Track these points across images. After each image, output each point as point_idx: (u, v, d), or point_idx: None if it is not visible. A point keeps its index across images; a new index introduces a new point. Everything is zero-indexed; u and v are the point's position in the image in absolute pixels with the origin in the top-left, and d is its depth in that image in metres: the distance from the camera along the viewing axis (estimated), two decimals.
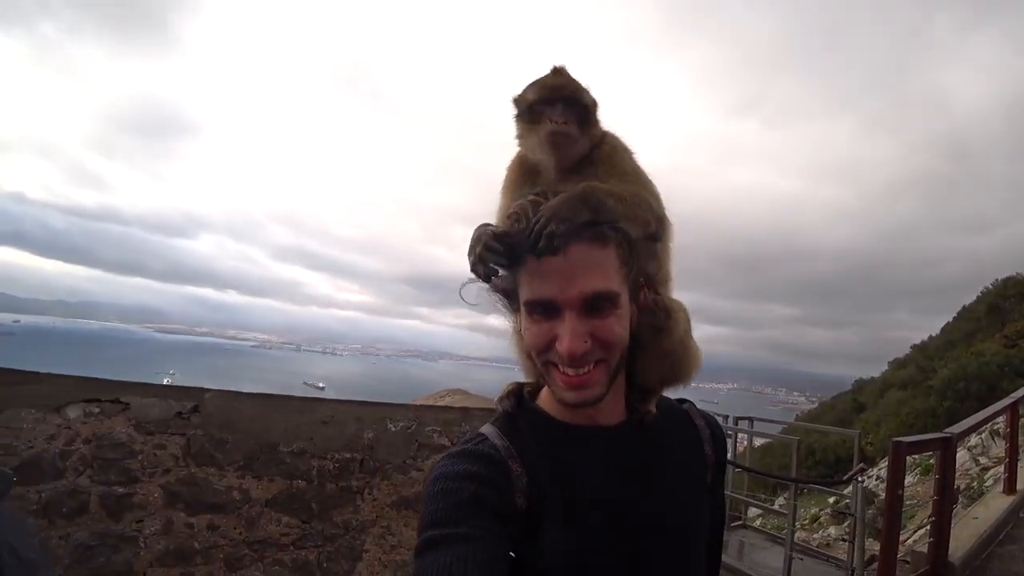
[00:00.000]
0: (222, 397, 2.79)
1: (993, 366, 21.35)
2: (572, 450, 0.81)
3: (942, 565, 3.99)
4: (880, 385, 34.01)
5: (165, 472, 2.69)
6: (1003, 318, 30.35)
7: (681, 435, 0.91)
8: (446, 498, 0.71)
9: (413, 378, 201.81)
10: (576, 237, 0.73)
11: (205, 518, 2.71)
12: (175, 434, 2.71)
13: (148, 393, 2.70)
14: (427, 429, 3.18)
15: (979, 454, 12.13)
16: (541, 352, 0.76)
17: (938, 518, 3.97)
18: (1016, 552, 4.83)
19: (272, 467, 2.82)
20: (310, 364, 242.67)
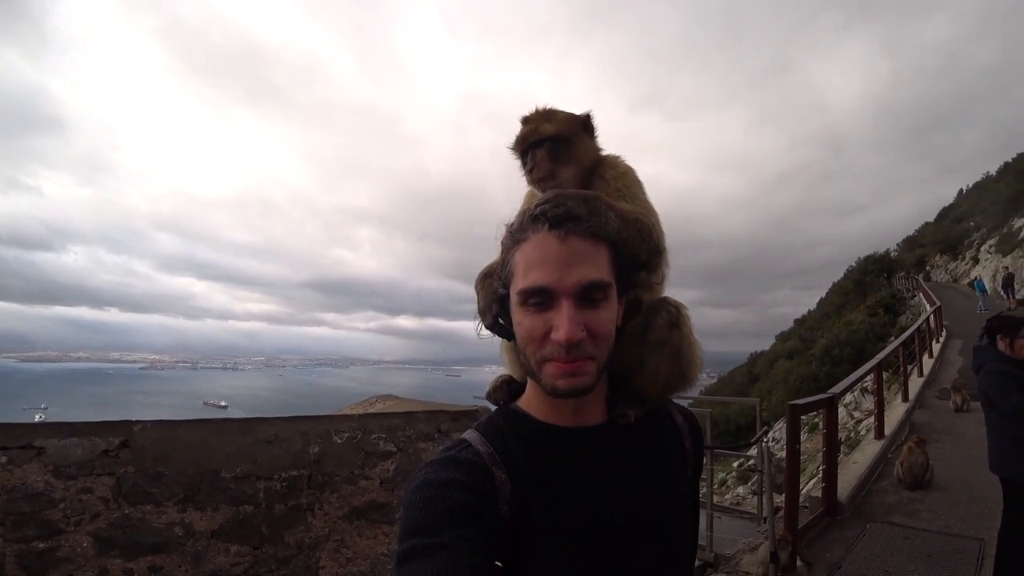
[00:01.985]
0: (154, 428, 2.62)
1: (860, 333, 24.43)
2: (556, 453, 0.81)
3: (834, 504, 4.65)
4: (770, 357, 37.56)
5: (94, 518, 2.49)
6: (866, 291, 34.80)
7: (661, 431, 0.91)
8: (428, 506, 0.69)
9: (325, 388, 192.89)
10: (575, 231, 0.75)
11: (146, 561, 2.55)
12: (102, 474, 2.52)
13: (66, 433, 2.48)
14: (372, 437, 3.18)
15: (853, 409, 13.92)
16: (537, 345, 0.76)
17: (828, 466, 4.62)
18: (887, 486, 5.70)
19: (216, 495, 2.70)
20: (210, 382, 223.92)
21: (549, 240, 0.75)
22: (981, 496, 5.10)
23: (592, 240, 0.77)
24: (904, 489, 5.51)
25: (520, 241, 0.78)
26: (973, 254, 32.54)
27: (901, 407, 8.68)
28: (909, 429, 7.43)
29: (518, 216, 0.82)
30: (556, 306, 0.74)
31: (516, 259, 0.78)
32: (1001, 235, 30.10)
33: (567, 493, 0.77)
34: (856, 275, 39.80)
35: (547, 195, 0.80)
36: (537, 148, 1.08)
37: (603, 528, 0.77)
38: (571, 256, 0.74)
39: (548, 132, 1.08)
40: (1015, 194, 32.38)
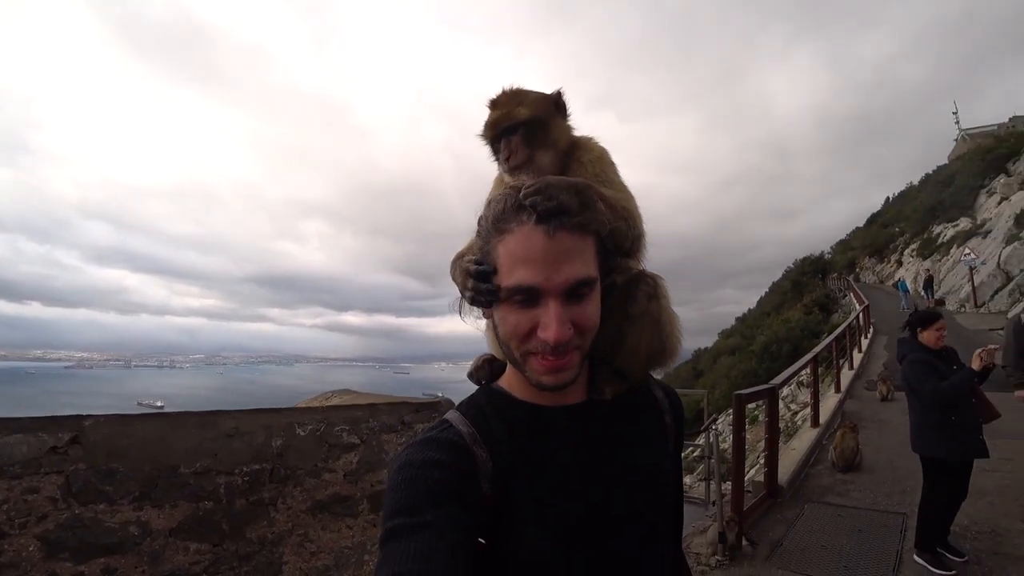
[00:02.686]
0: (107, 423, 2.51)
1: (797, 330, 25.88)
2: (538, 433, 0.81)
3: (775, 488, 4.96)
4: (713, 353, 39.14)
5: (41, 519, 2.36)
6: (802, 291, 36.85)
7: (642, 407, 0.91)
8: (410, 487, 0.70)
9: (269, 386, 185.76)
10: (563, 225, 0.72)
11: (98, 563, 2.44)
12: (50, 473, 2.39)
13: (10, 429, 2.34)
14: (336, 429, 3.16)
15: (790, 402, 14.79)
16: (521, 341, 0.75)
17: (769, 452, 4.92)
18: (823, 470, 6.12)
19: (174, 492, 2.62)
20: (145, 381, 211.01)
21: (536, 235, 0.72)
22: (904, 476, 5.58)
23: (580, 234, 0.74)
24: (837, 472, 5.94)
25: (504, 232, 0.74)
26: (897, 257, 34.94)
27: (834, 398, 9.31)
28: (841, 417, 7.98)
29: (499, 200, 0.76)
30: (543, 304, 0.73)
31: (499, 252, 0.75)
32: (922, 240, 32.49)
33: (548, 472, 0.78)
34: (793, 276, 42.12)
35: (537, 183, 0.73)
36: (511, 134, 1.01)
37: (584, 506, 0.77)
38: (559, 254, 0.72)
39: (522, 116, 1.01)
40: (934, 203, 35.03)
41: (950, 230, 29.86)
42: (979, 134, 48.29)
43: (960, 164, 40.15)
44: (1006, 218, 23.91)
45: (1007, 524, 4.45)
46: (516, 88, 1.06)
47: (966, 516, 4.45)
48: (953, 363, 3.64)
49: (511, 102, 1.03)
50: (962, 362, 3.68)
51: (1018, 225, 22.04)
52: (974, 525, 4.42)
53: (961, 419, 3.49)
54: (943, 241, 29.47)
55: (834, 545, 4.28)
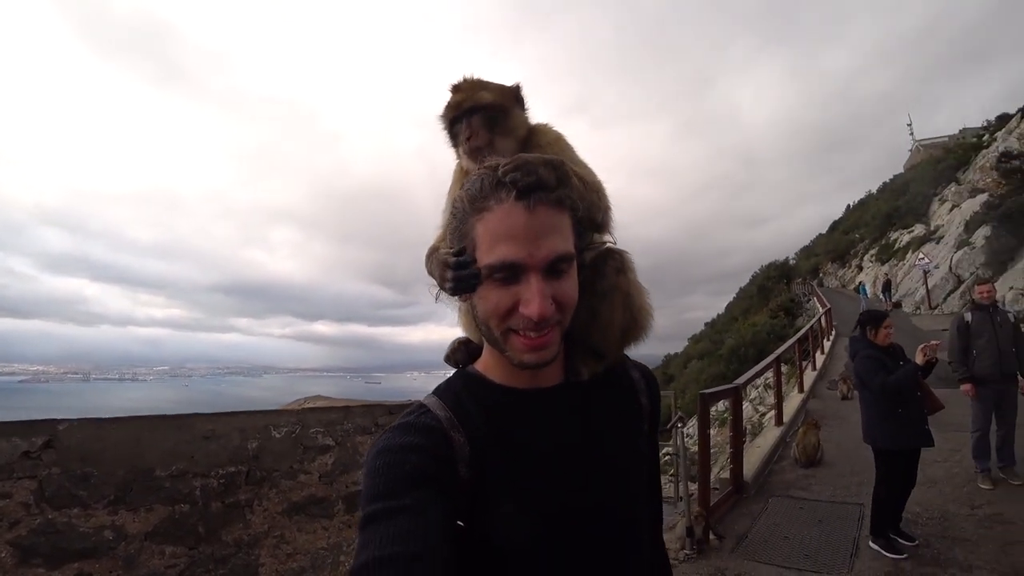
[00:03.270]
0: (81, 427, 2.51)
1: (763, 334, 26.55)
2: (514, 416, 0.81)
3: (740, 484, 5.16)
4: (683, 358, 39.82)
5: (13, 525, 2.34)
6: (768, 295, 37.89)
7: (618, 388, 0.92)
8: (388, 471, 0.70)
9: (236, 398, 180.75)
10: (542, 200, 0.73)
11: (72, 568, 2.42)
12: (23, 478, 2.37)
13: None
14: (311, 431, 3.20)
15: (758, 404, 15.24)
16: (502, 319, 0.75)
17: (734, 449, 5.12)
18: (786, 465, 6.37)
19: (149, 495, 2.62)
20: (105, 395, 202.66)
21: (516, 211, 0.72)
22: (861, 469, 5.84)
23: (558, 209, 0.75)
24: (800, 467, 6.20)
25: (482, 210, 0.74)
26: (858, 262, 36.31)
27: (797, 397, 9.67)
28: (804, 416, 8.30)
29: (476, 180, 0.76)
30: (524, 280, 0.73)
31: (478, 230, 0.74)
32: (880, 246, 33.87)
33: (526, 455, 0.78)
34: (760, 281, 43.31)
35: (514, 160, 0.74)
36: (471, 116, 1.03)
37: (562, 489, 0.77)
38: (540, 229, 0.72)
39: (485, 100, 1.03)
40: (891, 210, 36.58)
41: (906, 236, 31.23)
42: (932, 145, 50.67)
43: (914, 173, 42.07)
44: (957, 224, 25.15)
45: (955, 510, 4.73)
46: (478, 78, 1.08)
47: (917, 504, 4.72)
48: (900, 359, 3.90)
49: (474, 87, 1.06)
50: (908, 358, 3.94)
51: (968, 231, 23.20)
52: (925, 512, 4.69)
53: (908, 411, 3.73)
54: (900, 247, 30.79)
55: (796, 535, 4.48)
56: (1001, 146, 27.92)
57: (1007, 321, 5.01)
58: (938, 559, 3.88)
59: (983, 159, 28.76)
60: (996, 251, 19.71)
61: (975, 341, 4.96)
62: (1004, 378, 4.90)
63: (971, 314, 5.10)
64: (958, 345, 5.06)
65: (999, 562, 3.78)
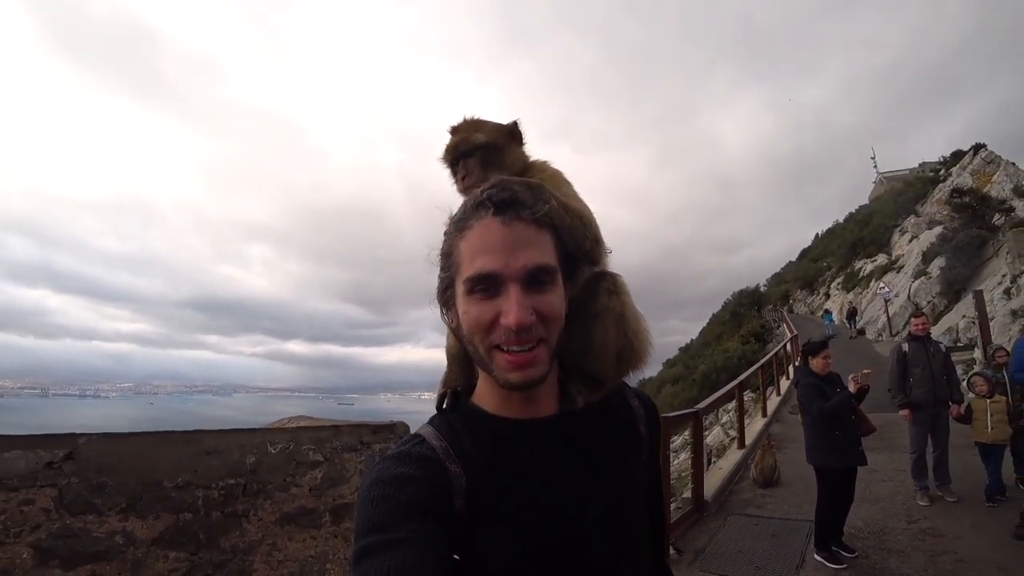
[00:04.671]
0: (99, 441, 2.76)
1: (734, 359, 27.23)
2: (510, 446, 0.80)
3: (701, 503, 5.53)
4: (658, 382, 40.37)
5: (34, 529, 2.57)
6: (740, 321, 38.82)
7: (616, 418, 0.91)
8: (383, 503, 0.69)
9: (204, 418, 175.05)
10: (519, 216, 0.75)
11: (85, 570, 2.65)
12: (45, 486, 2.61)
13: (11, 445, 2.57)
14: (303, 448, 3.47)
15: (729, 428, 15.75)
16: (485, 332, 0.75)
17: (695, 470, 5.51)
18: (745, 486, 6.77)
19: (157, 504, 2.87)
20: (63, 412, 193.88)
21: (493, 225, 0.75)
22: (815, 488, 6.26)
23: (535, 225, 0.76)
24: (758, 487, 6.60)
25: (464, 229, 0.77)
26: (826, 290, 37.62)
27: (761, 421, 10.14)
28: (767, 439, 8.75)
29: (461, 206, 0.81)
30: (504, 292, 0.74)
31: (461, 248, 0.77)
32: (846, 274, 35.24)
33: (521, 486, 0.77)
34: (732, 307, 44.36)
35: (492, 180, 0.79)
36: (468, 157, 1.09)
37: (558, 521, 0.77)
38: (516, 240, 0.74)
39: (479, 141, 1.09)
40: (856, 240, 38.14)
41: (870, 265, 32.61)
42: (894, 177, 53.11)
43: (878, 204, 44.03)
44: (915, 254, 26.46)
45: (893, 524, 5.17)
46: (476, 118, 1.14)
47: (860, 519, 5.15)
48: (837, 386, 4.35)
49: (470, 128, 1.11)
50: (844, 385, 4.40)
51: (925, 261, 24.45)
52: (866, 526, 5.11)
53: (844, 433, 4.18)
54: (864, 275, 32.12)
55: (750, 550, 4.85)
56: (955, 181, 29.63)
57: (939, 352, 5.54)
58: (874, 569, 4.29)
59: (939, 192, 30.44)
60: (950, 281, 20.83)
61: (912, 370, 5.47)
62: (937, 403, 5.41)
63: (908, 345, 5.62)
64: (896, 373, 5.55)
65: (927, 570, 4.20)
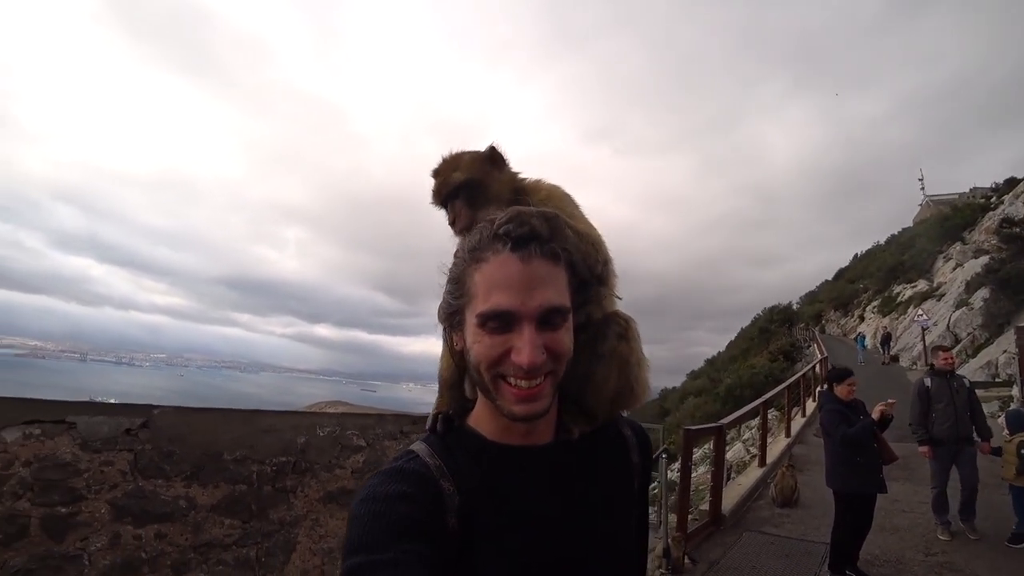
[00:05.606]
0: (171, 412, 3.07)
1: (761, 376, 26.83)
2: (504, 471, 0.81)
3: (718, 517, 5.63)
4: (680, 394, 39.96)
5: (112, 488, 2.89)
6: (769, 338, 38.15)
7: (609, 446, 0.92)
8: (374, 521, 0.69)
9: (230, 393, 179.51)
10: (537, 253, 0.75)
11: (152, 528, 2.96)
12: (123, 450, 2.93)
13: (96, 411, 2.89)
14: (348, 432, 3.75)
15: (750, 445, 15.63)
16: (493, 365, 0.76)
17: (715, 484, 5.60)
18: (764, 504, 6.82)
19: (216, 475, 3.17)
20: (99, 377, 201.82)
21: (511, 262, 0.74)
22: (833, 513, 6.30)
23: (553, 262, 0.77)
24: (776, 507, 6.64)
25: (480, 261, 0.77)
26: (860, 312, 36.64)
27: (784, 441, 10.08)
28: (787, 459, 8.73)
29: (476, 232, 0.80)
30: (516, 329, 0.74)
31: (475, 280, 0.77)
32: (883, 298, 34.26)
33: (513, 511, 0.78)
34: (762, 323, 43.59)
35: (509, 213, 0.78)
36: (454, 199, 1.07)
37: (547, 547, 0.78)
38: (533, 279, 0.74)
39: (458, 180, 1.07)
40: (896, 263, 37.05)
41: (908, 290, 31.63)
42: (941, 201, 51.19)
43: (922, 228, 42.58)
44: (958, 284, 25.58)
45: (910, 555, 5.17)
46: (455, 153, 1.11)
47: (877, 547, 5.17)
48: (861, 413, 4.41)
49: (448, 168, 1.09)
50: (868, 413, 4.45)
51: (968, 291, 23.63)
52: (882, 554, 5.13)
53: (865, 460, 4.23)
54: (902, 300, 31.18)
55: (763, 567, 4.93)
56: (1007, 210, 28.50)
57: (963, 387, 5.48)
58: None
59: (988, 221, 29.31)
60: (993, 314, 20.11)
61: (935, 405, 5.41)
62: (959, 440, 5.36)
63: (931, 379, 5.56)
64: (918, 409, 5.50)
65: None
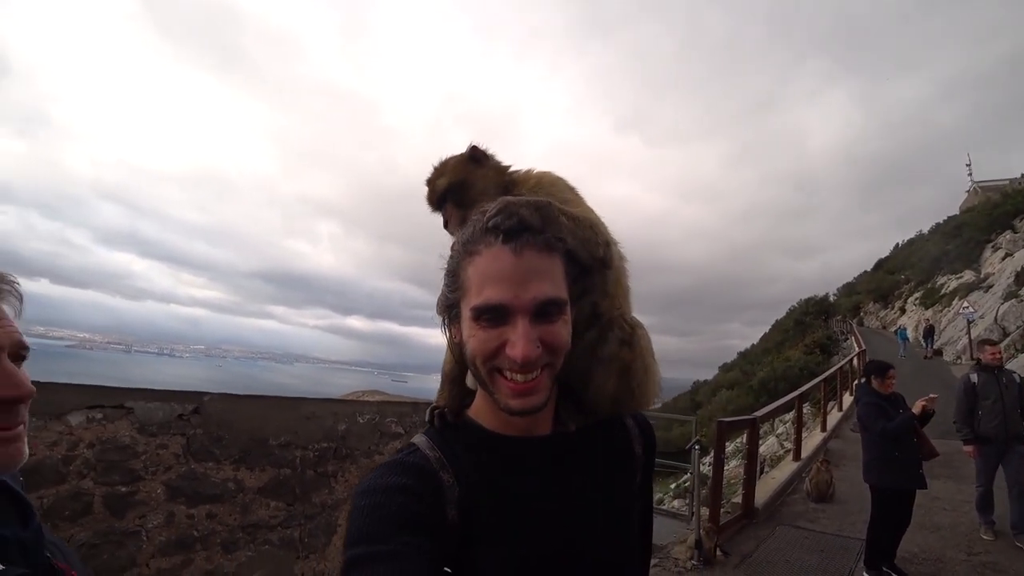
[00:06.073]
0: (220, 399, 3.24)
1: (796, 369, 26.22)
2: (504, 462, 0.81)
3: (751, 509, 5.58)
4: (713, 386, 39.38)
5: (167, 469, 3.08)
6: (804, 330, 37.22)
7: (611, 437, 0.91)
8: (374, 513, 0.69)
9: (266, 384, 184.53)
10: (529, 244, 0.74)
11: (204, 508, 3.14)
12: (176, 434, 3.11)
13: (152, 398, 3.07)
14: (387, 420, 3.87)
15: (784, 440, 15.35)
16: (488, 359, 0.75)
17: (748, 476, 5.55)
18: (797, 499, 6.73)
19: (263, 459, 3.33)
20: (143, 367, 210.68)
21: (503, 254, 0.73)
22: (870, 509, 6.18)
23: (547, 252, 0.76)
24: (811, 501, 6.53)
25: (472, 254, 0.76)
26: (901, 304, 35.33)
27: (819, 436, 9.88)
28: (823, 454, 8.56)
29: (469, 225, 0.79)
30: (511, 322, 0.73)
31: (469, 273, 0.76)
32: (926, 290, 32.95)
33: (512, 502, 0.78)
34: (797, 315, 42.57)
35: (497, 204, 0.77)
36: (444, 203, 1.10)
37: (546, 539, 0.77)
38: (526, 272, 0.73)
39: (443, 186, 1.09)
40: (940, 253, 35.52)
41: (953, 282, 30.33)
42: (990, 187, 48.76)
43: (969, 216, 40.71)
44: (1008, 274, 24.40)
45: (951, 555, 5.03)
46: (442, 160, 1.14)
47: (916, 545, 5.06)
48: (900, 407, 4.30)
49: (435, 176, 1.12)
50: (908, 407, 4.33)
51: (1018, 282, 22.52)
52: (922, 552, 5.01)
53: (904, 455, 4.13)
54: (946, 292, 29.91)
55: (797, 561, 4.88)
56: None
57: (1013, 383, 5.20)
58: None
59: None
60: None
61: (982, 402, 5.16)
62: (1008, 438, 5.13)
63: (977, 375, 5.30)
64: (964, 406, 5.24)
65: None
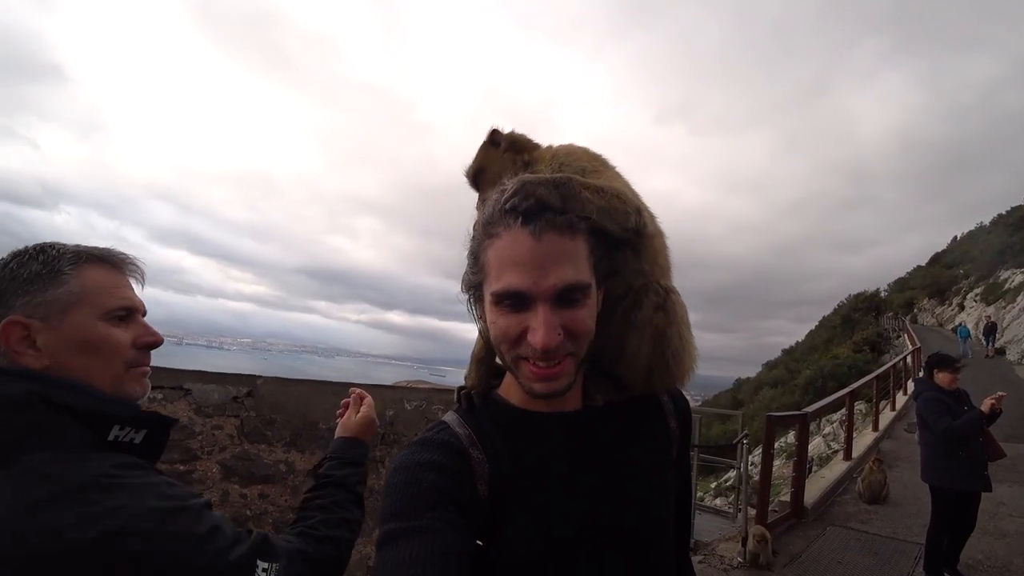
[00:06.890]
0: (273, 383, 3.34)
1: (844, 367, 25.26)
2: (534, 436, 0.81)
3: (800, 509, 5.40)
4: (755, 384, 38.43)
5: (222, 450, 3.20)
6: (853, 327, 35.75)
7: (644, 412, 0.89)
8: (407, 489, 0.70)
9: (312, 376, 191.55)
10: (549, 225, 0.70)
11: (256, 488, 3.25)
12: (231, 416, 3.23)
13: (208, 380, 3.19)
14: (433, 407, 3.92)
15: (831, 440, 14.81)
16: (512, 345, 0.74)
17: (797, 474, 5.37)
18: (848, 499, 6.48)
19: (312, 442, 3.42)
20: (193, 359, 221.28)
21: (523, 238, 0.70)
22: (928, 512, 5.88)
23: (568, 234, 0.72)
24: (863, 502, 6.28)
25: (492, 236, 0.73)
26: (960, 300, 33.50)
27: (871, 435, 9.47)
28: (875, 454, 8.21)
29: (490, 204, 0.75)
30: (532, 308, 0.71)
31: (489, 256, 0.74)
32: (987, 285, 31.09)
33: (542, 478, 0.78)
34: (845, 311, 40.92)
35: (514, 184, 0.73)
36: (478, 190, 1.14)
37: (577, 513, 0.77)
38: (547, 256, 0.70)
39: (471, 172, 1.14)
40: (1004, 246, 33.46)
41: (1019, 276, 28.52)
42: None
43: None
44: None
45: (1019, 563, 4.74)
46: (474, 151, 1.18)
47: (980, 551, 4.79)
48: (964, 404, 4.06)
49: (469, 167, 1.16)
50: (973, 404, 4.09)
51: None
52: (987, 560, 4.74)
53: (968, 454, 3.90)
54: (1010, 287, 28.15)
55: (849, 563, 4.70)
56: None
57: None
58: None
59: None
60: None
61: None
62: None
63: None
64: None
65: None
